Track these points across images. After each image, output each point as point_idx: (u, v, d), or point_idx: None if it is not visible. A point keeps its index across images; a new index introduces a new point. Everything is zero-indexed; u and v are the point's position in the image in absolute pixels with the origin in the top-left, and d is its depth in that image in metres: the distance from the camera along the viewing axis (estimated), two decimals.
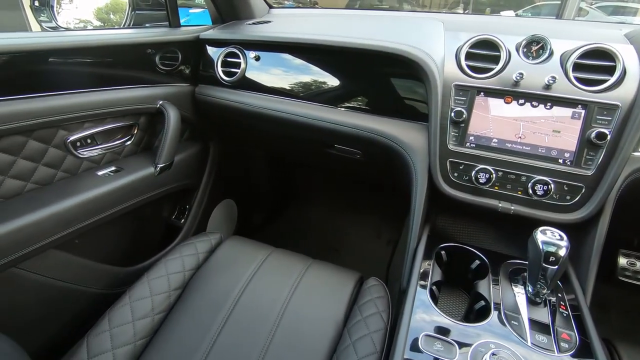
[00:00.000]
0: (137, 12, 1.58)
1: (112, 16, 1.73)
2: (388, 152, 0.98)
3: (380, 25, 1.17)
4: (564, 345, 0.63)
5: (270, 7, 1.47)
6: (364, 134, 1.00)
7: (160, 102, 1.10)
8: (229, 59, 1.18)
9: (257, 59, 1.15)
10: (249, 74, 1.16)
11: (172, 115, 1.08)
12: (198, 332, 0.79)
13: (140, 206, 1.09)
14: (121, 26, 1.43)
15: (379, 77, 1.03)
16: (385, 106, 1.03)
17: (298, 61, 1.11)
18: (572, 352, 0.63)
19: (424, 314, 0.71)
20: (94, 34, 1.00)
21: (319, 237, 1.80)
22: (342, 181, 1.85)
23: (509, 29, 0.95)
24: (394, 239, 1.71)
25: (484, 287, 0.77)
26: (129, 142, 1.09)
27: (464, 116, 0.87)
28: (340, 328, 0.83)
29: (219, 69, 1.19)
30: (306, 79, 1.10)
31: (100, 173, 1.00)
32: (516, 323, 0.67)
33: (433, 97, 0.89)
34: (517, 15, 4.11)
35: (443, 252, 0.88)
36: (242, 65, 1.16)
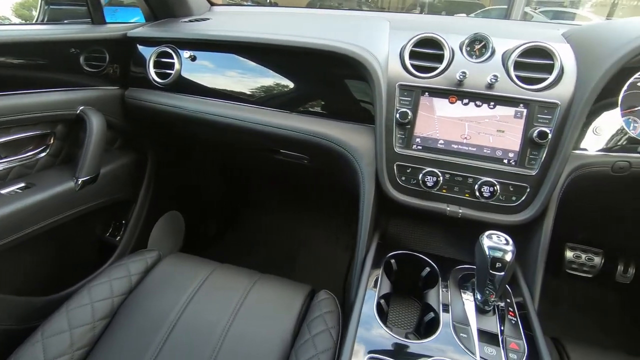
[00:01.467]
0: (52, 6, 1.41)
1: (34, 12, 1.56)
2: (335, 156, 0.93)
3: (327, 24, 1.12)
4: (512, 356, 0.61)
5: (212, 4, 1.37)
6: (309, 138, 0.94)
7: (81, 108, 0.98)
8: (162, 59, 1.08)
9: (193, 59, 1.05)
10: (185, 75, 1.07)
11: (95, 123, 0.96)
12: None
13: (60, 225, 0.96)
14: (34, 22, 1.27)
15: (324, 78, 0.98)
16: (331, 109, 0.97)
17: (238, 62, 1.03)
18: None
19: (371, 330, 0.65)
20: None
21: (275, 246, 1.72)
22: (298, 184, 1.78)
23: (453, 28, 0.93)
24: (352, 243, 1.67)
25: (434, 297, 0.73)
26: (43, 154, 0.96)
27: (410, 117, 0.83)
28: (287, 349, 0.76)
29: (151, 70, 1.08)
30: (247, 80, 1.02)
31: (4, 191, 0.87)
32: (465, 335, 0.64)
33: (377, 98, 0.85)
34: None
35: (393, 261, 0.84)
36: (176, 66, 1.06)
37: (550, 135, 0.76)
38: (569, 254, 1.36)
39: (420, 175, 0.83)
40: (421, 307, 0.75)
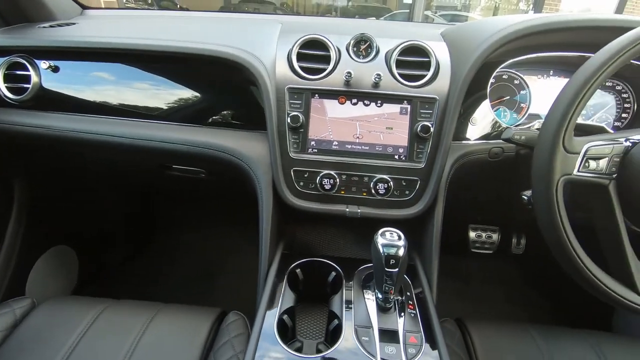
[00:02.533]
0: None
1: None
2: (231, 168, 0.87)
3: (216, 27, 1.05)
4: (411, 351, 0.61)
5: (84, 7, 1.22)
6: (200, 150, 0.87)
7: None
8: (14, 72, 0.91)
9: (55, 69, 0.91)
10: (49, 89, 0.91)
11: None
12: None
13: None
14: None
15: (211, 85, 0.91)
16: (222, 117, 0.91)
17: (112, 71, 0.92)
18: (418, 356, 0.61)
19: (270, 351, 0.61)
20: None
21: (190, 267, 1.58)
22: (206, 199, 1.66)
23: (340, 30, 0.93)
24: None
25: (337, 302, 0.71)
26: None
27: (302, 121, 0.81)
28: None
29: (1, 85, 0.91)
30: (125, 91, 0.91)
31: None
32: (366, 338, 0.63)
33: (266, 103, 0.81)
34: None
35: (298, 270, 0.80)
36: (34, 79, 0.90)
37: (432, 129, 0.80)
38: (472, 234, 1.47)
39: (318, 179, 0.81)
40: (327, 316, 0.73)
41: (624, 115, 0.95)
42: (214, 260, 1.60)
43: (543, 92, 0.93)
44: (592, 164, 0.59)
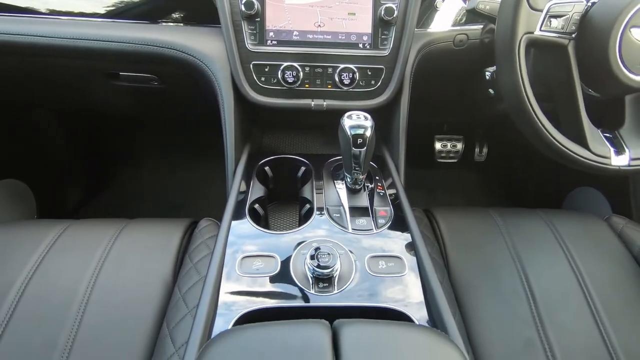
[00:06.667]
0: None
1: None
2: (184, 68, 0.80)
3: None
4: (381, 221, 0.64)
5: None
6: (148, 49, 0.79)
7: None
8: None
9: None
10: None
11: None
12: None
13: None
14: None
15: None
16: (169, 12, 0.82)
17: None
18: (388, 224, 0.63)
19: (243, 238, 0.61)
20: None
21: (158, 199, 1.54)
22: (172, 125, 1.57)
23: None
24: None
25: (308, 190, 0.72)
26: None
27: (256, 7, 0.74)
28: (169, 285, 0.69)
29: None
30: None
31: None
32: (338, 215, 0.65)
33: None
34: None
35: (267, 168, 0.79)
36: None
37: (396, 12, 0.76)
38: (438, 145, 1.52)
39: (280, 72, 0.77)
40: (299, 203, 0.73)
41: None
42: (179, 187, 1.56)
43: None
44: (554, 22, 0.58)
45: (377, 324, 0.40)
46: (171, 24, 0.82)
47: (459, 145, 1.53)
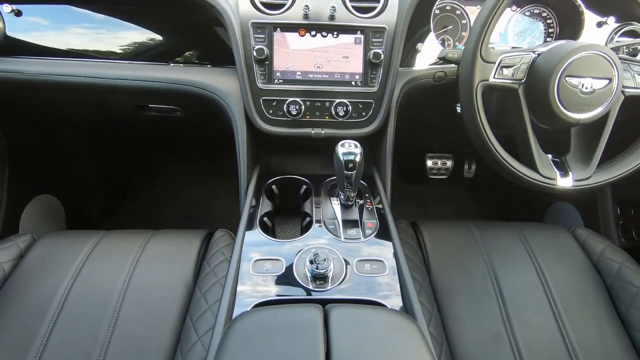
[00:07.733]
0: None
1: None
2: (204, 102, 0.95)
3: None
4: (368, 231, 0.77)
5: None
6: (174, 87, 0.94)
7: None
8: None
9: (18, 13, 0.92)
10: (13, 35, 0.93)
11: None
12: (16, 353, 0.66)
13: None
14: None
15: (181, 25, 0.97)
16: (191, 56, 0.98)
17: (82, 12, 0.94)
18: (374, 234, 0.77)
19: (255, 246, 0.75)
20: None
21: (175, 211, 1.69)
22: (182, 142, 1.73)
23: None
24: None
25: (308, 205, 0.85)
26: None
27: (266, 53, 0.89)
28: (190, 286, 0.81)
29: None
30: (97, 32, 0.95)
31: None
32: (333, 226, 0.78)
33: (233, 38, 0.88)
34: None
35: (274, 187, 0.93)
36: None
37: (383, 56, 0.91)
38: (429, 163, 1.65)
39: (285, 106, 0.92)
40: (301, 217, 0.87)
41: (548, 39, 1.09)
42: (194, 202, 1.70)
43: None
44: (505, 71, 0.72)
45: (358, 308, 0.53)
46: (196, 66, 0.97)
47: (449, 163, 1.66)
